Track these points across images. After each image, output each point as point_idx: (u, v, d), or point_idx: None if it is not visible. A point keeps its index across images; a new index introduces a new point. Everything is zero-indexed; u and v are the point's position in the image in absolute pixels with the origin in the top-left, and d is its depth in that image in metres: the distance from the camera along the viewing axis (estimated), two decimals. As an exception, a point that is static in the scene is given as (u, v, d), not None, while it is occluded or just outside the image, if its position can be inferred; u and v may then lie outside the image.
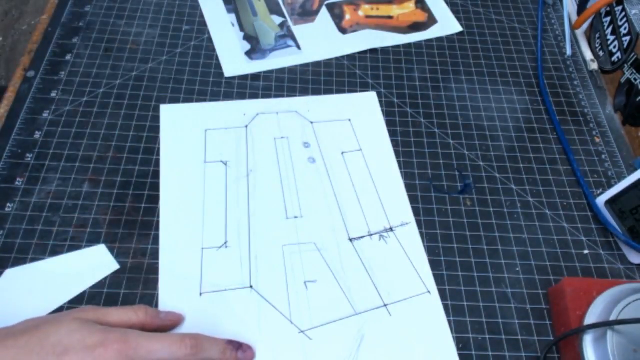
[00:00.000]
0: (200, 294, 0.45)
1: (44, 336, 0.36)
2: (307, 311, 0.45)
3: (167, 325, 0.42)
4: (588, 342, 0.41)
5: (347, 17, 0.67)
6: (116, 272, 0.45)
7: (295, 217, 0.50)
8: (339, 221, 0.50)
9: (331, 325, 0.44)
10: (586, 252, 0.50)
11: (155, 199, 0.50)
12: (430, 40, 0.66)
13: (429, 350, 0.44)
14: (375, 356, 0.43)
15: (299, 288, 0.46)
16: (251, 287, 0.45)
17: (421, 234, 0.50)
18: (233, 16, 0.65)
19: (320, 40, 0.64)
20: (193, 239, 0.47)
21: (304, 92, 0.59)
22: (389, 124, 0.57)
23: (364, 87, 0.60)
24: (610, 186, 0.54)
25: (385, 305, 0.46)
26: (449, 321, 0.45)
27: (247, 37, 0.63)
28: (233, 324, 0.43)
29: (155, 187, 0.50)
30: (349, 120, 0.57)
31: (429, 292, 0.47)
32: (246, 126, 0.55)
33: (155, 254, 0.47)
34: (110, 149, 0.52)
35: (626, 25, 0.60)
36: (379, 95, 0.60)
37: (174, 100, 0.57)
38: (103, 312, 0.39)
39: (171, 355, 0.37)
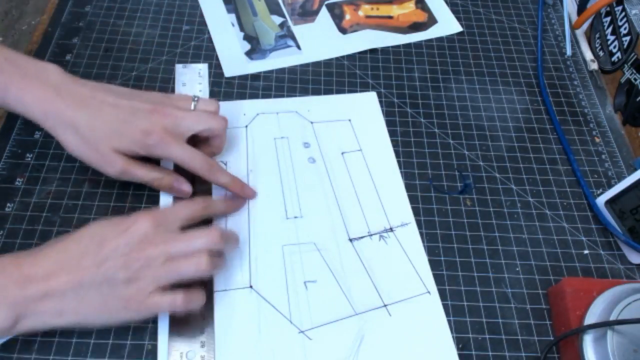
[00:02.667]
0: (201, 294, 0.45)
1: (78, 237, 0.40)
2: (307, 311, 0.45)
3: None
4: (588, 342, 0.41)
5: (347, 17, 0.67)
6: (116, 272, 0.45)
7: (295, 217, 0.50)
8: (339, 221, 0.50)
9: (331, 326, 0.44)
10: (586, 252, 0.50)
11: (155, 199, 0.49)
12: (430, 40, 0.66)
13: (429, 351, 0.44)
14: (375, 356, 0.43)
15: (299, 288, 0.46)
16: (251, 287, 0.45)
17: (421, 234, 0.50)
18: (233, 16, 0.65)
19: (320, 40, 0.64)
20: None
21: (304, 92, 0.59)
22: (389, 124, 0.57)
23: (364, 87, 0.60)
24: (610, 186, 0.54)
25: (385, 306, 0.46)
26: (449, 321, 0.45)
27: (247, 37, 0.63)
28: (233, 324, 0.43)
29: (155, 187, 0.50)
30: (349, 120, 0.57)
31: (428, 292, 0.47)
32: (246, 126, 0.55)
33: (155, 254, 0.46)
34: (110, 149, 0.52)
35: (626, 25, 0.60)
36: (379, 95, 0.60)
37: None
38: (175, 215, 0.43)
39: (193, 212, 0.44)
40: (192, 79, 0.58)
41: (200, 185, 0.50)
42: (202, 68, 0.59)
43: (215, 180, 0.48)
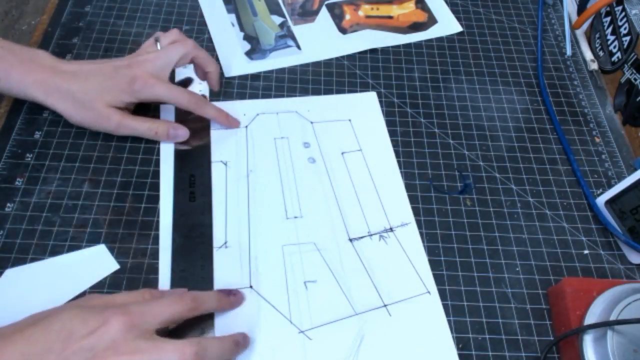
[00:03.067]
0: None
1: (47, 326, 0.36)
2: (307, 311, 0.45)
3: None
4: (588, 342, 0.41)
5: (347, 17, 0.67)
6: (116, 272, 0.45)
7: (295, 217, 0.50)
8: (339, 221, 0.50)
9: (331, 326, 0.44)
10: (586, 252, 0.50)
11: (155, 199, 0.49)
12: (430, 40, 0.66)
13: (429, 351, 0.44)
14: (375, 356, 0.43)
15: (299, 288, 0.46)
16: (251, 287, 0.45)
17: (421, 234, 0.50)
18: (233, 16, 0.65)
19: (320, 40, 0.64)
20: (193, 239, 0.47)
21: (304, 92, 0.59)
22: (389, 124, 0.57)
23: (364, 87, 0.60)
24: (610, 186, 0.54)
25: (385, 306, 0.46)
26: (449, 321, 0.45)
27: (247, 37, 0.63)
28: (233, 324, 0.43)
29: (155, 187, 0.50)
30: (349, 120, 0.57)
31: (428, 292, 0.47)
32: (246, 126, 0.55)
33: (155, 254, 0.47)
34: (110, 149, 0.52)
35: (626, 25, 0.60)
36: (379, 95, 0.60)
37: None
38: (108, 298, 0.40)
39: (175, 314, 0.39)
40: (192, 78, 0.58)
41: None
42: None
43: (203, 113, 0.53)
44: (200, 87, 0.57)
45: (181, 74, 0.58)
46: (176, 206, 0.49)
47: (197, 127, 0.54)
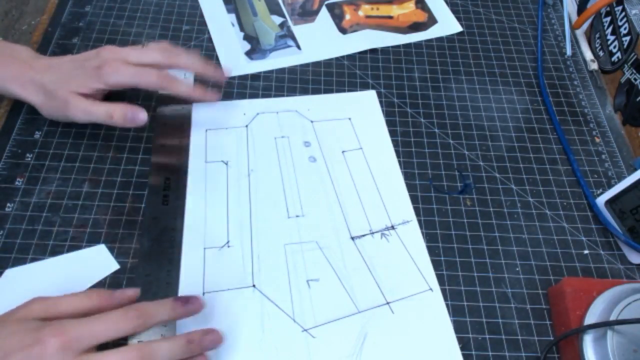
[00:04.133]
0: (203, 293, 0.45)
1: None
2: (310, 310, 0.45)
3: (124, 304, 0.39)
4: (588, 342, 0.42)
5: (347, 17, 0.67)
6: (116, 272, 0.45)
7: (297, 216, 0.50)
8: (341, 220, 0.50)
9: (334, 324, 0.44)
10: (586, 252, 0.50)
11: (155, 199, 0.49)
12: (430, 40, 0.66)
13: (432, 347, 0.44)
14: (378, 354, 0.43)
15: (302, 287, 0.46)
16: (254, 286, 0.46)
17: (421, 234, 0.50)
18: (233, 16, 0.65)
19: (320, 40, 0.64)
20: (195, 238, 0.47)
21: (304, 92, 0.59)
22: (389, 124, 0.57)
23: (364, 87, 0.60)
24: (610, 186, 0.54)
25: (387, 303, 0.46)
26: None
27: (247, 37, 0.63)
28: (236, 323, 0.43)
29: (156, 187, 0.50)
30: (349, 119, 0.57)
31: (431, 289, 0.47)
32: (246, 126, 0.55)
33: (155, 254, 0.46)
34: (110, 149, 0.52)
35: (626, 25, 0.60)
36: (379, 95, 0.60)
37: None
38: (52, 303, 0.37)
39: (119, 332, 0.36)
40: None
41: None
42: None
43: (174, 90, 0.51)
44: (186, 81, 0.57)
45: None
46: (147, 209, 0.49)
47: (176, 125, 0.53)
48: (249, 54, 0.62)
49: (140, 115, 0.49)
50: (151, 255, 0.46)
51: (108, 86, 0.49)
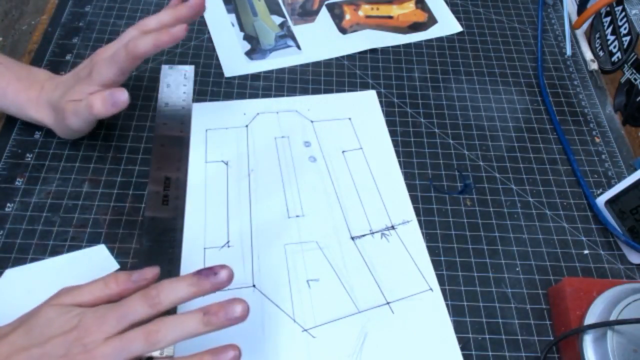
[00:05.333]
0: (202, 293, 0.45)
1: (28, 329, 0.36)
2: (310, 310, 0.45)
3: (143, 285, 0.39)
4: (588, 342, 0.42)
5: (347, 17, 0.67)
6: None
7: (297, 216, 0.50)
8: (341, 220, 0.50)
9: (334, 324, 0.44)
10: (586, 252, 0.50)
11: (155, 199, 0.49)
12: (430, 40, 0.66)
13: (432, 347, 0.44)
14: (378, 354, 0.43)
15: (302, 287, 0.46)
16: (254, 286, 0.46)
17: (421, 234, 0.50)
18: (233, 16, 0.65)
19: (320, 40, 0.64)
20: (195, 238, 0.47)
21: (304, 92, 0.59)
22: (389, 124, 0.57)
23: (364, 87, 0.60)
24: (610, 186, 0.54)
25: (387, 303, 0.46)
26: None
27: (247, 37, 0.63)
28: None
29: (156, 187, 0.50)
30: (349, 118, 0.57)
31: (431, 289, 0.47)
32: (246, 126, 0.55)
33: (155, 254, 0.46)
34: (110, 149, 0.52)
35: (626, 25, 0.60)
36: (379, 95, 0.60)
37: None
38: (77, 293, 0.38)
39: (140, 314, 0.36)
40: (176, 80, 0.57)
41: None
42: (189, 70, 0.58)
43: (138, 51, 0.46)
44: (184, 88, 0.57)
45: (167, 74, 0.58)
46: (147, 209, 0.48)
47: (176, 125, 0.52)
48: (249, 54, 0.62)
49: (119, 96, 0.46)
50: (151, 255, 0.46)
51: (101, 85, 0.47)
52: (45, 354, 0.35)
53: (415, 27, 0.67)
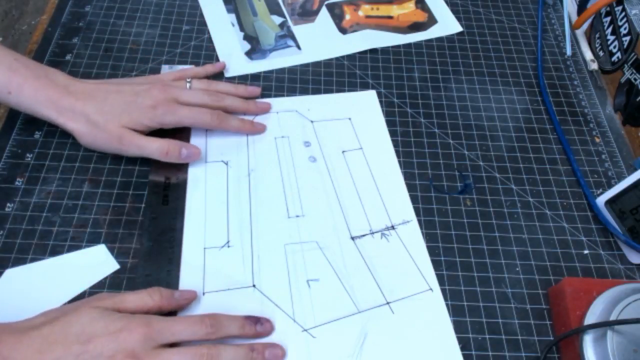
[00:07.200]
0: (203, 293, 0.45)
1: (66, 325, 0.37)
2: (310, 310, 0.45)
3: (183, 304, 0.43)
4: (588, 342, 0.42)
5: (347, 17, 0.67)
6: (116, 272, 0.45)
7: (297, 216, 0.50)
8: (341, 220, 0.50)
9: (334, 324, 0.44)
10: (586, 252, 0.50)
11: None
12: (430, 40, 0.66)
13: (432, 347, 0.44)
14: (378, 354, 0.43)
15: (302, 287, 0.46)
16: (254, 286, 0.46)
17: (421, 234, 0.50)
18: (233, 16, 0.65)
19: (320, 40, 0.64)
20: (195, 238, 0.47)
21: (304, 92, 0.59)
22: (389, 124, 0.57)
23: (364, 87, 0.60)
24: (610, 186, 0.54)
25: (387, 303, 0.46)
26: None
27: (247, 37, 0.63)
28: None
29: (156, 187, 0.50)
30: (349, 118, 0.57)
31: (431, 289, 0.47)
32: (246, 126, 0.55)
33: (155, 254, 0.46)
34: (110, 148, 0.52)
35: (626, 25, 0.60)
36: (379, 95, 0.60)
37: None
38: (120, 299, 0.40)
39: (193, 335, 0.39)
40: None
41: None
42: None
43: (227, 127, 0.53)
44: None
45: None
46: (148, 209, 0.49)
47: (176, 130, 0.53)
48: (249, 54, 0.62)
49: (194, 151, 0.51)
50: (151, 255, 0.46)
51: (162, 125, 0.50)
52: (86, 352, 0.36)
53: (415, 27, 0.67)
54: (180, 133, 0.53)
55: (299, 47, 0.63)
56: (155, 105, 0.49)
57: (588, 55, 0.66)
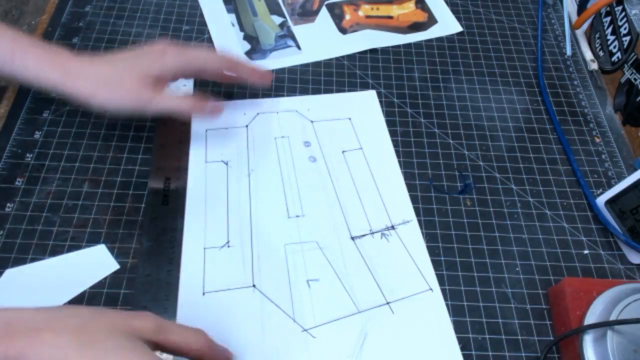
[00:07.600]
0: (204, 293, 0.45)
1: (93, 335, 0.33)
2: (310, 310, 0.45)
3: (219, 359, 0.39)
4: (588, 342, 0.42)
5: (347, 17, 0.67)
6: (116, 272, 0.45)
7: (297, 216, 0.50)
8: (341, 220, 0.50)
9: (334, 324, 0.44)
10: (586, 252, 0.50)
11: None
12: (430, 40, 0.66)
13: (432, 347, 0.44)
14: (378, 354, 0.43)
15: (302, 287, 0.46)
16: (254, 286, 0.46)
17: (421, 234, 0.50)
18: (233, 16, 0.65)
19: (320, 40, 0.64)
20: (195, 238, 0.47)
21: (304, 92, 0.59)
22: (389, 124, 0.57)
23: (364, 87, 0.60)
24: (610, 186, 0.54)
25: (387, 303, 0.46)
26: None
27: (247, 37, 0.63)
28: (236, 323, 0.43)
29: (156, 187, 0.50)
30: (349, 118, 0.57)
31: (431, 289, 0.47)
32: (246, 126, 0.55)
33: (155, 254, 0.46)
34: (110, 149, 0.52)
35: (626, 25, 0.60)
36: (379, 95, 0.60)
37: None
38: (164, 327, 0.36)
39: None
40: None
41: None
42: None
43: (239, 72, 0.53)
44: (184, 88, 0.57)
45: None
46: (148, 209, 0.49)
47: (175, 137, 0.53)
48: (249, 54, 0.62)
49: (218, 105, 0.51)
50: (151, 255, 0.46)
51: (171, 74, 0.49)
52: None
53: (415, 27, 0.67)
54: (181, 128, 0.53)
55: (299, 47, 0.63)
56: (164, 51, 0.49)
57: (588, 55, 0.66)
